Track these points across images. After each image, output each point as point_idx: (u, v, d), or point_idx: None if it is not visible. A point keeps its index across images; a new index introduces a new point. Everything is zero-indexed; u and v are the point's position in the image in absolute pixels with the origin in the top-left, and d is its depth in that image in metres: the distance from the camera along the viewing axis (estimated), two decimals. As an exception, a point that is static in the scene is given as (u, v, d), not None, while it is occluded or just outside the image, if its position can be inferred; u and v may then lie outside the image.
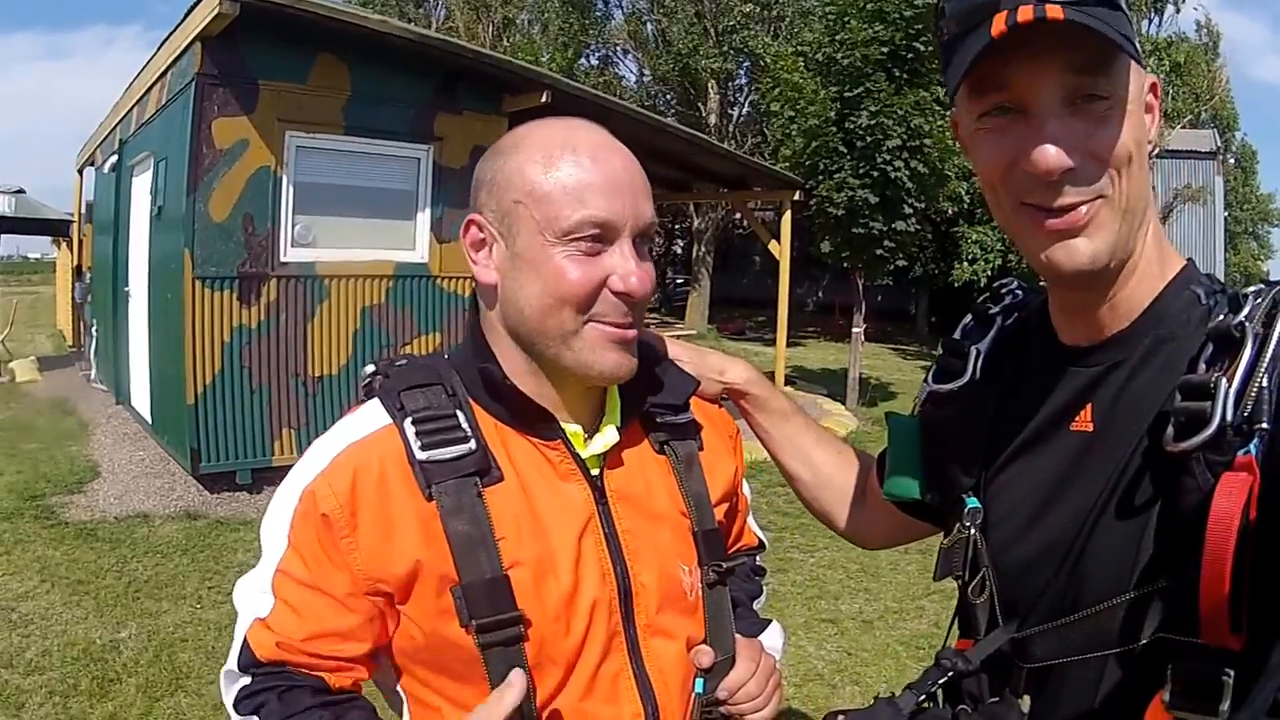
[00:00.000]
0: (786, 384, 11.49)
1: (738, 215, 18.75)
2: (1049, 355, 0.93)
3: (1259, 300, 0.78)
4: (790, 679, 3.82)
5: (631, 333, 0.95)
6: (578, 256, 0.90)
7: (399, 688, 1.00)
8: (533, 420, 0.97)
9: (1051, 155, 0.78)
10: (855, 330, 11.14)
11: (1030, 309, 1.02)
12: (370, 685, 1.01)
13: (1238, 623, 0.70)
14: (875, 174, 9.78)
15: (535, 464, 0.98)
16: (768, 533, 1.37)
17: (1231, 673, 0.72)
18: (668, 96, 25.10)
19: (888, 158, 9.76)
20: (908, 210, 10.07)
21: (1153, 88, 0.86)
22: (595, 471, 1.00)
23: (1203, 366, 0.77)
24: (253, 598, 0.95)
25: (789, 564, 5.37)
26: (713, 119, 22.71)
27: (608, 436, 1.00)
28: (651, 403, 1.05)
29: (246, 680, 0.94)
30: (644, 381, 1.04)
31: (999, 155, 0.83)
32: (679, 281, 29.03)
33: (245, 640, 0.94)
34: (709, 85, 22.78)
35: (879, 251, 10.29)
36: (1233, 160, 28.93)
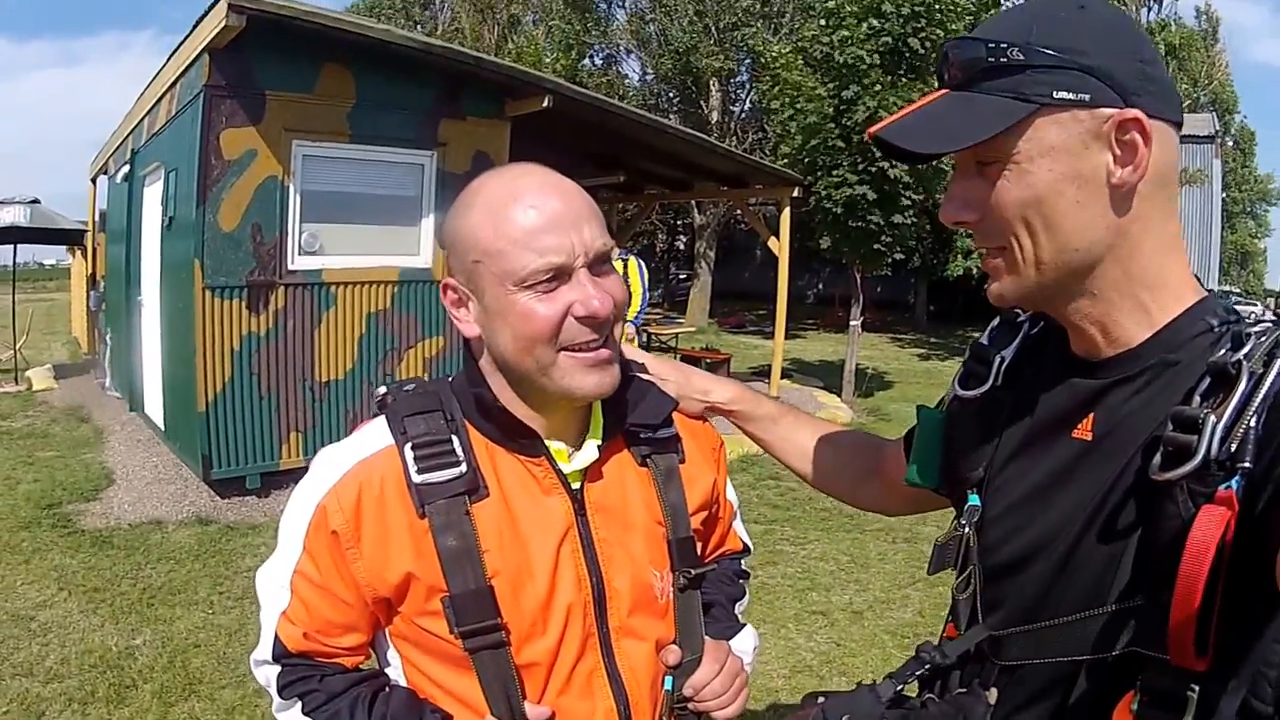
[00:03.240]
0: (783, 377, 11.49)
1: (739, 210, 18.85)
2: (1061, 362, 0.97)
3: (1262, 339, 0.80)
4: (779, 671, 3.88)
5: (605, 353, 1.02)
6: (538, 298, 0.98)
7: (389, 655, 1.14)
8: (519, 439, 1.08)
9: (945, 210, 0.94)
10: (853, 323, 11.17)
11: None
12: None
13: (1203, 646, 0.74)
14: (873, 170, 9.78)
15: (521, 480, 1.08)
16: (759, 525, 1.47)
17: (1197, 689, 0.76)
18: (670, 95, 25.09)
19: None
20: (905, 203, 10.06)
21: (1131, 122, 0.83)
22: (576, 485, 1.10)
23: (1197, 399, 0.80)
24: (274, 591, 1.09)
25: (780, 557, 5.34)
26: (715, 116, 22.74)
27: (587, 453, 1.10)
28: (630, 422, 1.15)
29: (279, 669, 1.09)
30: (624, 402, 1.14)
31: None
32: (681, 276, 28.98)
33: (276, 634, 1.08)
34: (710, 83, 22.79)
35: (877, 246, 10.30)
36: (1231, 142, 28.95)
